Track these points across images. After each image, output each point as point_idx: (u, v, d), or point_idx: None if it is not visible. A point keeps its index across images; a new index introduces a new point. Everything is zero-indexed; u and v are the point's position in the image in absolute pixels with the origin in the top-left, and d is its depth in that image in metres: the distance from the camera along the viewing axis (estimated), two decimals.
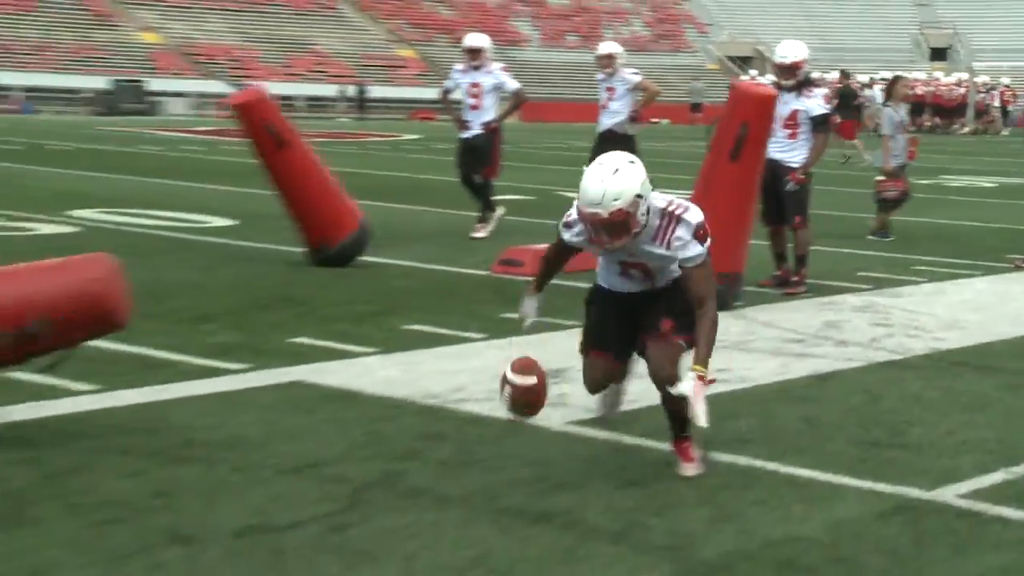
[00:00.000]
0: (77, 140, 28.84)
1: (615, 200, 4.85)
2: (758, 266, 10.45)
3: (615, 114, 13.94)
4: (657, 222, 5.03)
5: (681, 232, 5.02)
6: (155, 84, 48.80)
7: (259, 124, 10.74)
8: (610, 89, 14.02)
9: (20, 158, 23.07)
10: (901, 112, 14.64)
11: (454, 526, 4.64)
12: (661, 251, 5.07)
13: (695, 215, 5.06)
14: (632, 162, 4.97)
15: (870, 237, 14.07)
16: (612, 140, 14.04)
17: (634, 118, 13.93)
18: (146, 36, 54.55)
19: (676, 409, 5.16)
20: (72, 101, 46.70)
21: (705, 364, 5.02)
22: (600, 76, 14.22)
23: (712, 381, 5.08)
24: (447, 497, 4.97)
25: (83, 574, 4.10)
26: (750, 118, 9.18)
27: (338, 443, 5.64)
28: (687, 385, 4.95)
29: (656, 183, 5.16)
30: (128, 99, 46.38)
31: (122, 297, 5.75)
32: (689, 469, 5.28)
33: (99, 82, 47.43)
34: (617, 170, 4.91)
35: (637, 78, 14.19)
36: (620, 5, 71.91)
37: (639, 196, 4.90)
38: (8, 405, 6.03)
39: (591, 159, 16.19)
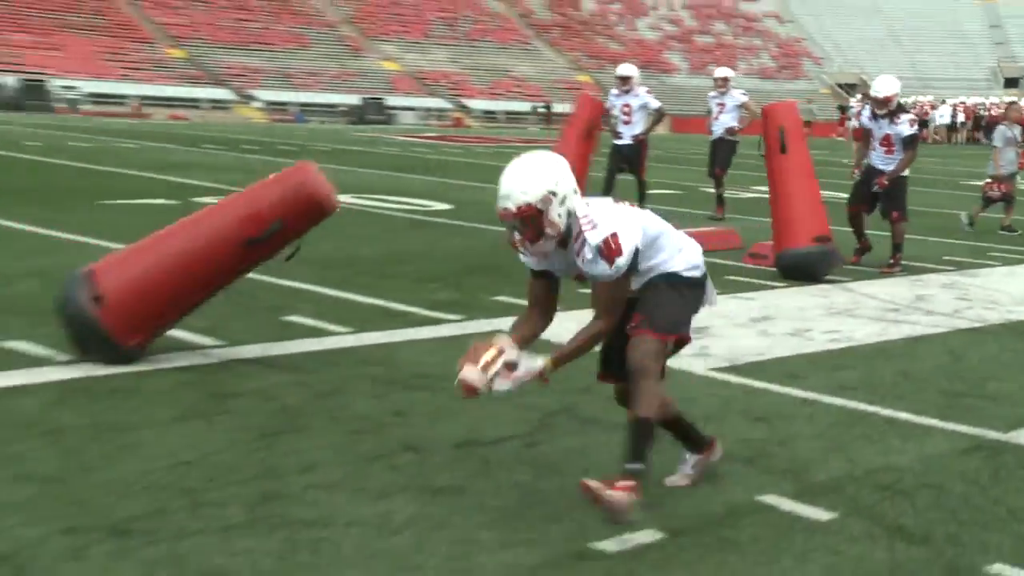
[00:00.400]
0: (335, 142, 29.47)
1: (523, 194, 3.60)
2: (846, 251, 10.13)
3: (724, 125, 13.83)
4: (576, 233, 3.74)
5: (586, 251, 3.73)
6: (393, 100, 49.57)
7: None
8: (720, 104, 13.92)
9: (294, 156, 23.68)
10: (1015, 130, 14.25)
11: (621, 447, 4.59)
12: (580, 263, 3.78)
13: (598, 234, 3.69)
14: (553, 160, 3.70)
15: (963, 221, 13.56)
16: (722, 144, 13.85)
17: (732, 131, 13.74)
18: (387, 64, 55.50)
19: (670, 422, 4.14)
20: (332, 113, 47.76)
21: (556, 362, 3.82)
22: (712, 94, 14.07)
23: (546, 382, 3.84)
24: (615, 424, 4.90)
25: (340, 471, 4.19)
26: (782, 121, 9.58)
27: None
28: (534, 362, 3.82)
29: (760, 180, 4.95)
30: (373, 112, 47.21)
31: (327, 189, 5.72)
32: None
33: (352, 99, 48.43)
34: (531, 165, 3.66)
35: (745, 98, 13.90)
36: (752, 42, 70.40)
37: (552, 193, 3.62)
38: (287, 341, 6.21)
39: (709, 162, 16.03)
